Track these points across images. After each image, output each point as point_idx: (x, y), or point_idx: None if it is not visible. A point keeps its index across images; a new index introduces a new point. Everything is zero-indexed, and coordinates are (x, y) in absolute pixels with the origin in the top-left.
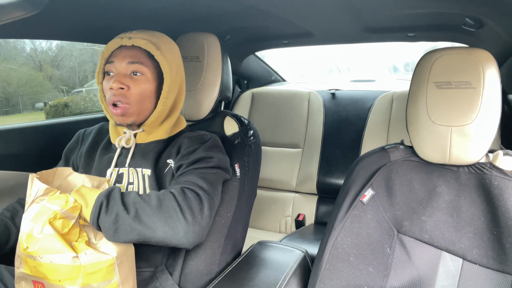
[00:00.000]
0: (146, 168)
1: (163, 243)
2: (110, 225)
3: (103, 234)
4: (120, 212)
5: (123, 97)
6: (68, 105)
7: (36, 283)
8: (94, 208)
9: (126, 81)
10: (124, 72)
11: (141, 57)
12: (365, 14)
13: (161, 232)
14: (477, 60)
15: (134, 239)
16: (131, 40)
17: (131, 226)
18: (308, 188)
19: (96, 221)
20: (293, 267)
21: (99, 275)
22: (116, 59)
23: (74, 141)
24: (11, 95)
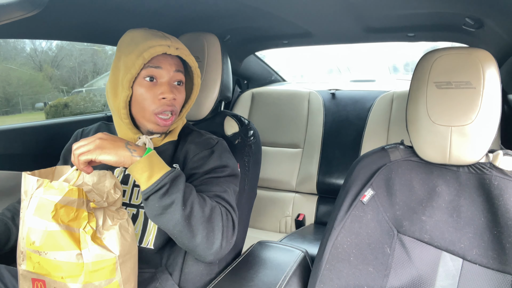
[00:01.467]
0: None
1: (189, 249)
2: (159, 208)
3: (146, 209)
4: (176, 204)
5: (173, 106)
6: (68, 105)
7: (36, 281)
8: (154, 186)
9: (174, 90)
10: (171, 81)
11: (181, 66)
12: (365, 14)
13: (198, 241)
14: (477, 60)
15: (168, 230)
16: (178, 51)
17: (177, 220)
18: (308, 188)
19: (148, 196)
20: (293, 267)
21: (101, 273)
22: (163, 65)
23: (72, 141)
24: (11, 95)
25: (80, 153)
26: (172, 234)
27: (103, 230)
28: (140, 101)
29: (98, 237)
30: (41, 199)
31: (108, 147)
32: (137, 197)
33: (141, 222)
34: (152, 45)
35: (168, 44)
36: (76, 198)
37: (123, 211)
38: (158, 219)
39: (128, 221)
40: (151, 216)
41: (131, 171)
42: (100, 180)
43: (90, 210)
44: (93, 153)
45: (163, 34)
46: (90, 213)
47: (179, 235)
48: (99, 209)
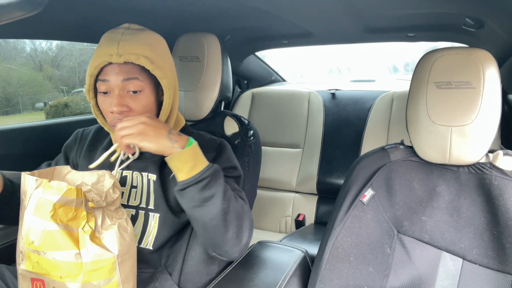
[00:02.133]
0: (152, 173)
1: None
2: (198, 199)
3: (182, 200)
4: (217, 197)
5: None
6: (68, 105)
7: (35, 280)
8: (196, 177)
9: (125, 101)
10: (121, 91)
11: (135, 72)
12: (365, 14)
13: (229, 236)
14: (477, 60)
15: (204, 223)
16: (122, 58)
17: (215, 214)
18: (308, 188)
19: (186, 187)
20: (293, 267)
21: (100, 273)
22: (109, 76)
23: (72, 140)
24: (11, 95)
25: (123, 136)
26: (205, 228)
27: (102, 230)
28: (103, 113)
29: (97, 236)
30: (40, 199)
31: (150, 134)
32: (135, 198)
33: (141, 223)
34: (98, 55)
35: (111, 53)
36: (74, 197)
37: (122, 211)
38: (195, 211)
39: (127, 220)
40: (187, 207)
41: (171, 160)
42: (99, 179)
43: (89, 210)
44: (135, 138)
45: (118, 37)
46: (89, 213)
47: (213, 229)
48: (98, 208)
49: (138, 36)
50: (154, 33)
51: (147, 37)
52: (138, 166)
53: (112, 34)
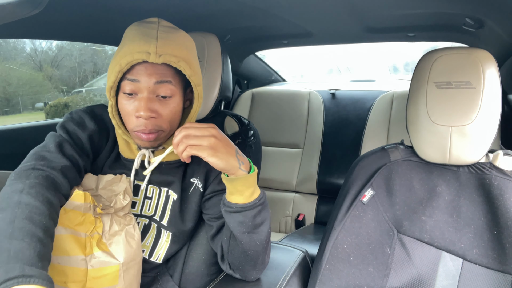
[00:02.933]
0: (174, 191)
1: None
2: (251, 226)
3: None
4: (265, 225)
5: (154, 125)
6: (68, 105)
7: None
8: (255, 202)
9: (155, 106)
10: (151, 95)
11: (169, 74)
12: (365, 14)
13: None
14: (477, 60)
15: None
16: (161, 58)
17: (261, 240)
18: (308, 188)
19: (242, 211)
20: (293, 267)
21: (104, 280)
22: (141, 77)
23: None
24: (11, 95)
25: (191, 145)
26: (246, 254)
27: (109, 236)
28: (123, 114)
29: (104, 242)
30: None
31: (221, 150)
32: (148, 208)
33: (153, 235)
34: (131, 51)
35: (149, 51)
36: (82, 202)
37: (130, 217)
38: (245, 236)
39: (135, 227)
40: (238, 232)
41: (235, 181)
42: (107, 184)
43: (97, 215)
44: (204, 151)
45: (154, 33)
46: (97, 218)
47: (252, 255)
48: (106, 214)
49: (176, 36)
50: (187, 34)
51: (184, 38)
52: (157, 180)
53: (145, 28)
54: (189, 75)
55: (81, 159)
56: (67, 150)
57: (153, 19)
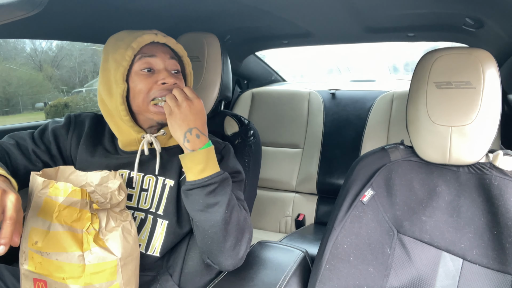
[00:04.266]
0: (171, 178)
1: (212, 253)
2: (202, 204)
3: (187, 201)
4: (220, 206)
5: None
6: (68, 105)
7: (38, 281)
8: (204, 181)
9: (174, 77)
10: (168, 68)
11: (174, 55)
12: (365, 14)
13: (227, 247)
14: (477, 60)
15: (204, 229)
16: (166, 38)
17: (216, 222)
18: (308, 188)
19: (192, 188)
20: (293, 267)
21: (102, 275)
22: (156, 53)
23: (65, 125)
24: (11, 95)
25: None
26: (204, 234)
27: (106, 232)
28: (137, 93)
29: (101, 238)
30: (45, 200)
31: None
32: (145, 201)
33: (148, 228)
34: (139, 35)
35: (155, 33)
36: (79, 199)
37: (126, 213)
38: (197, 215)
39: (131, 223)
40: (191, 210)
41: (183, 158)
42: (103, 180)
43: (93, 211)
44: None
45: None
46: (94, 214)
47: (212, 236)
48: (102, 210)
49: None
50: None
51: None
52: (153, 169)
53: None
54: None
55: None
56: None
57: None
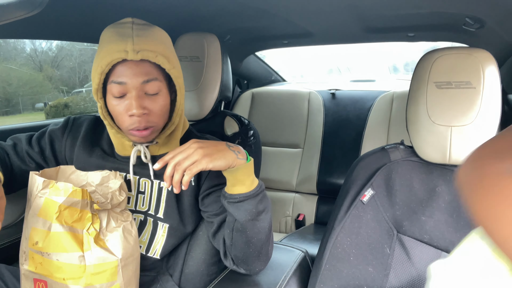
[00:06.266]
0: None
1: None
2: (255, 212)
3: (238, 212)
4: (267, 212)
5: (147, 122)
6: (68, 105)
7: (38, 281)
8: (256, 190)
9: (145, 103)
10: (140, 92)
11: (154, 72)
12: (365, 14)
13: (264, 251)
14: (477, 60)
15: (252, 236)
16: (139, 54)
17: (264, 228)
18: (308, 188)
19: (245, 200)
20: (293, 267)
21: (102, 276)
22: (126, 78)
23: (62, 127)
24: (11, 95)
25: (187, 166)
26: (249, 243)
27: (107, 232)
28: (115, 115)
29: (101, 239)
30: (46, 200)
31: (214, 153)
32: (142, 203)
33: (149, 231)
34: (109, 51)
35: (126, 49)
36: (80, 199)
37: (127, 213)
38: (249, 224)
39: (132, 223)
40: (244, 220)
41: (236, 172)
42: (103, 180)
43: (94, 212)
44: (203, 163)
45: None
46: (94, 215)
47: (256, 243)
48: (103, 210)
49: (151, 32)
50: (161, 29)
51: (159, 33)
52: (148, 173)
53: (120, 28)
54: (168, 68)
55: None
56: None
57: (127, 19)
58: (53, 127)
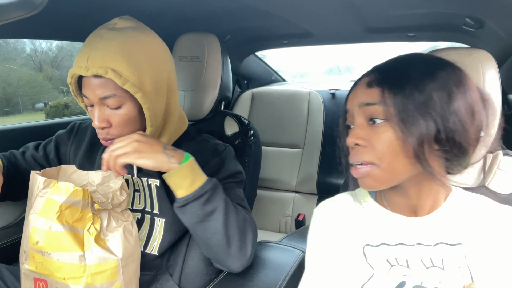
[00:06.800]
0: (154, 178)
1: (220, 259)
2: (201, 215)
3: (183, 216)
4: (218, 212)
5: (107, 134)
6: (68, 105)
7: (38, 280)
8: (197, 192)
9: (106, 116)
10: (101, 107)
11: (111, 87)
12: (365, 14)
13: (232, 250)
14: (477, 60)
15: (206, 238)
16: (89, 71)
17: (217, 229)
18: (308, 188)
19: (187, 203)
20: (293, 267)
21: (103, 276)
22: (87, 92)
23: (67, 132)
24: (11, 95)
25: (117, 155)
26: (208, 243)
27: (107, 232)
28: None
29: (102, 238)
30: (47, 199)
31: (146, 150)
32: (139, 202)
33: (146, 228)
34: (75, 63)
35: (80, 65)
36: (81, 198)
37: (128, 213)
38: (197, 226)
39: (133, 223)
40: (190, 223)
41: (170, 177)
42: (104, 180)
43: (95, 211)
44: (131, 156)
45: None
46: (95, 214)
47: (216, 243)
48: (104, 210)
49: (115, 41)
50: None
51: (125, 41)
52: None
53: (94, 36)
54: (120, 84)
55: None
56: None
57: (114, 20)
58: (60, 132)
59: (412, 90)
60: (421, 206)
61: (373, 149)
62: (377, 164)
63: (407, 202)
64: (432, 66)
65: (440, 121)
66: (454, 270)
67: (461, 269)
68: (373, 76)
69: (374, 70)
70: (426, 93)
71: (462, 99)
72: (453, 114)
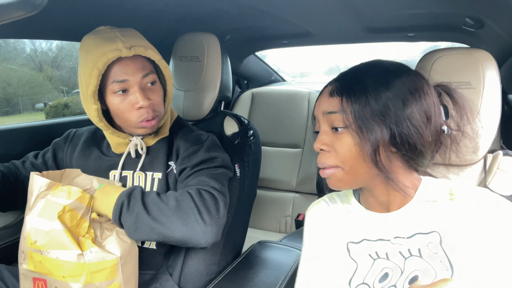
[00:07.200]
0: (157, 171)
1: (182, 243)
2: (130, 224)
3: (125, 231)
4: (140, 212)
5: (154, 111)
6: (68, 105)
7: (38, 280)
8: (116, 207)
9: (148, 94)
10: (142, 87)
11: (147, 65)
12: (365, 14)
13: (179, 232)
14: (477, 60)
15: (154, 238)
16: (132, 50)
17: (151, 226)
18: (308, 188)
19: (118, 219)
20: (293, 267)
21: (102, 274)
22: (128, 76)
23: (63, 139)
24: (11, 95)
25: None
26: (158, 240)
27: (102, 240)
28: (119, 113)
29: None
30: (47, 201)
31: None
32: None
33: None
34: (104, 52)
35: (119, 48)
36: (85, 205)
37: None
38: (138, 234)
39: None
40: (132, 236)
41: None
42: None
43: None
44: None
45: (114, 35)
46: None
47: (163, 236)
48: (96, 222)
49: (131, 32)
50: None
51: (138, 33)
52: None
53: (100, 34)
54: (157, 59)
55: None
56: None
57: (101, 27)
58: (57, 139)
59: (368, 99)
60: (391, 202)
61: (337, 154)
62: (341, 166)
63: (377, 200)
64: (388, 74)
65: (394, 127)
66: (431, 256)
67: (438, 255)
68: (335, 85)
69: (337, 79)
70: (381, 102)
71: (417, 105)
72: (407, 120)
